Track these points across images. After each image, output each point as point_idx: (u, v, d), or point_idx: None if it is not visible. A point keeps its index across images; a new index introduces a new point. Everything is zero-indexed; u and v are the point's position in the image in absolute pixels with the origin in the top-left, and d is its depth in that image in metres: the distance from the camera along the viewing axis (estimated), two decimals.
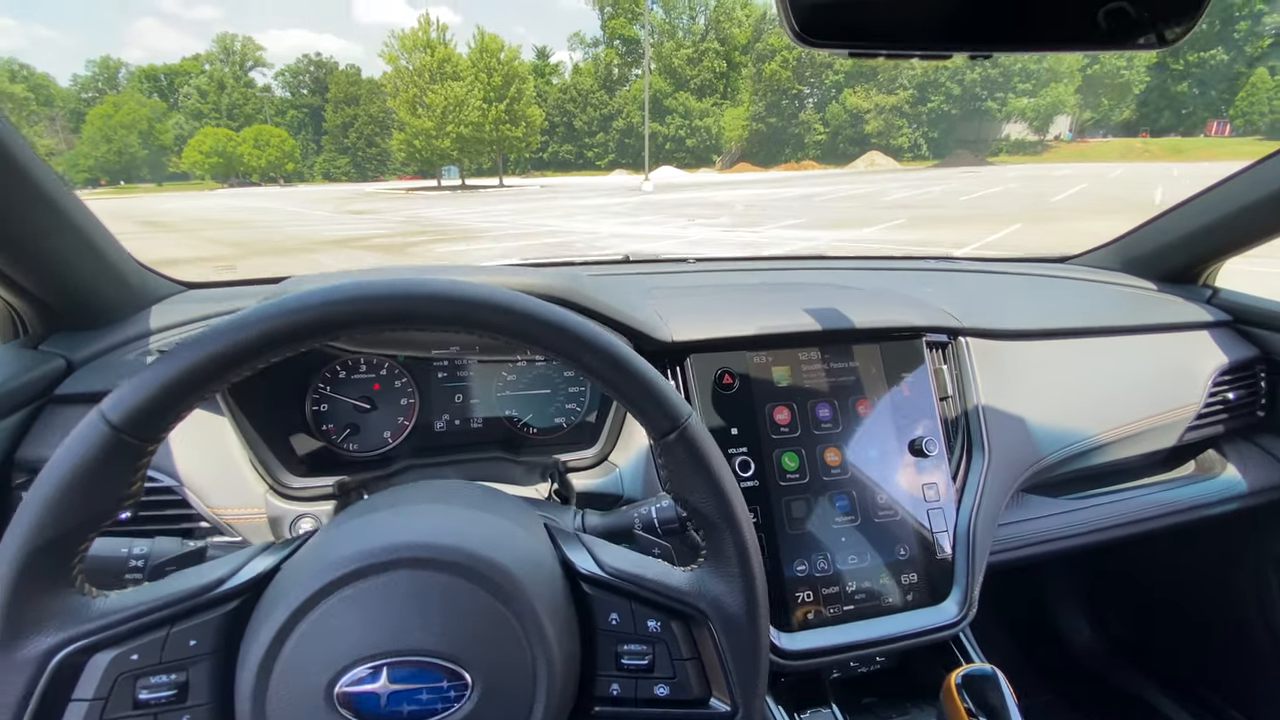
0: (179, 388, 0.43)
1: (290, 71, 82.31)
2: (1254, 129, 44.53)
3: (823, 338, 0.94)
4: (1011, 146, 53.52)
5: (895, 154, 54.09)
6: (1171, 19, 0.58)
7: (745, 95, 63.19)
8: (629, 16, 67.47)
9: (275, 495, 0.82)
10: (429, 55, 41.09)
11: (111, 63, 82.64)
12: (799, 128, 60.53)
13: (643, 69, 58.07)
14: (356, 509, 0.54)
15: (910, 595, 0.88)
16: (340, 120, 72.18)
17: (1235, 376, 1.23)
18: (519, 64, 44.81)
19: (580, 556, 0.53)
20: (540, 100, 59.70)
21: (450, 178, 47.48)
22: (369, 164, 72.48)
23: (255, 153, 64.95)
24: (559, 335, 0.48)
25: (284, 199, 32.85)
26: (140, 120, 68.73)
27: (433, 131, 40.58)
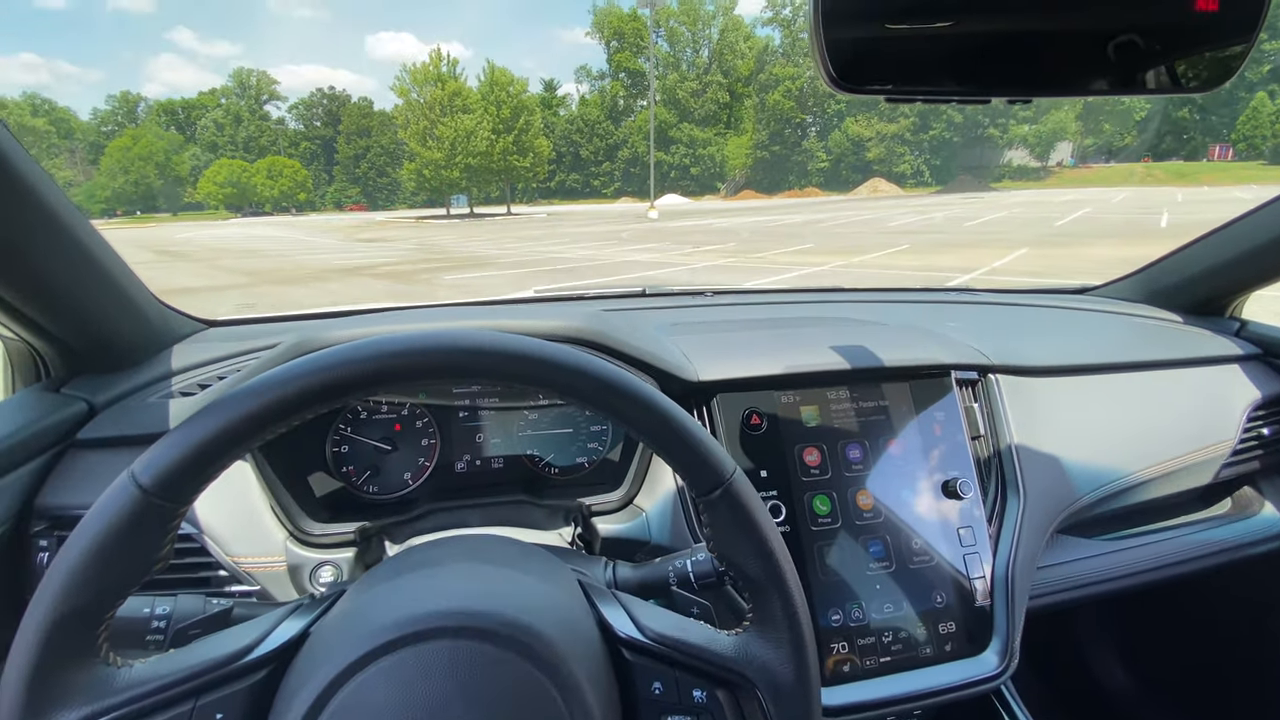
0: (214, 449, 0.42)
1: (304, 105, 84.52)
2: (1257, 153, 44.80)
3: (851, 376, 0.92)
4: (1014, 172, 54.00)
5: (898, 180, 54.65)
6: (1218, 56, 0.58)
7: (748, 124, 64.27)
8: (634, 50, 69.12)
9: (295, 542, 0.80)
10: (440, 88, 42.15)
11: (131, 97, 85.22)
12: (802, 155, 61.35)
13: (648, 100, 59.26)
14: (386, 569, 0.52)
15: (949, 645, 0.85)
16: (352, 151, 73.79)
17: (1269, 411, 1.20)
18: (527, 96, 45.89)
19: (618, 618, 0.50)
20: (548, 131, 60.98)
21: (459, 206, 48.23)
22: (379, 193, 73.85)
23: (268, 183, 66.37)
24: (600, 389, 0.47)
25: (296, 228, 33.42)
26: (157, 152, 70.56)
27: (442, 162, 41.44)
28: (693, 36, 68.30)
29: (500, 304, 1.34)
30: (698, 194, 62.91)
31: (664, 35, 68.21)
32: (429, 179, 43.00)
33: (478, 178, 43.49)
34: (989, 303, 1.49)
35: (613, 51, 70.87)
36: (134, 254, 17.66)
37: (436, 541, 0.57)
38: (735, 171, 65.37)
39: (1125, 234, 13.52)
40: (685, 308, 1.38)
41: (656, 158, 54.76)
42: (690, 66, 68.32)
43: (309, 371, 0.43)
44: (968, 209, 24.77)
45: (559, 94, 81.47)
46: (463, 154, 41.17)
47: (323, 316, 1.20)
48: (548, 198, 73.13)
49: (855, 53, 0.54)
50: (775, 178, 62.24)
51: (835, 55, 0.54)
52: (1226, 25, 0.58)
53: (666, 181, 63.56)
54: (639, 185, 62.36)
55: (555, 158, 64.48)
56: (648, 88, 60.36)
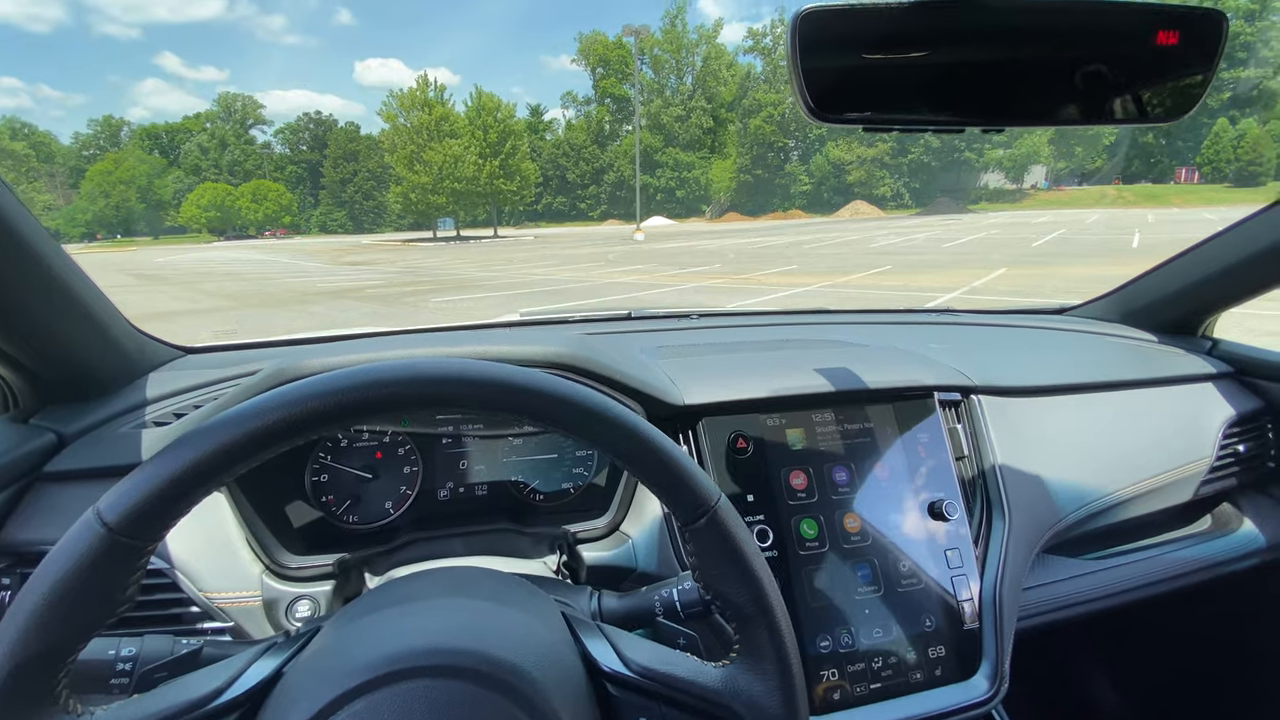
0: (182, 485, 0.40)
1: (290, 129, 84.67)
2: (1222, 176, 46.40)
3: (836, 399, 0.92)
4: (990, 195, 55.36)
5: (879, 203, 55.75)
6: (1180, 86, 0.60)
7: (732, 149, 65.42)
8: (619, 76, 70.34)
9: (271, 576, 0.77)
10: (427, 113, 42.51)
11: (114, 121, 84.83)
12: (785, 179, 62.47)
13: (633, 126, 60.18)
14: (363, 604, 0.51)
15: (939, 670, 0.84)
16: (339, 175, 73.85)
17: (1244, 429, 1.22)
18: (514, 121, 46.41)
19: (603, 651, 0.49)
20: (534, 155, 61.60)
21: (446, 229, 48.31)
22: (366, 216, 73.79)
23: (253, 206, 66.12)
24: (583, 416, 0.46)
25: (280, 251, 33.22)
26: (140, 176, 70.14)
27: (429, 186, 41.64)
28: (676, 64, 69.69)
29: (484, 328, 1.33)
30: (683, 216, 63.64)
31: (648, 62, 69.56)
32: (415, 203, 43.14)
33: (464, 201, 43.71)
34: (970, 324, 1.51)
35: (598, 78, 72.08)
36: (112, 278, 17.42)
37: (415, 575, 0.56)
38: (720, 194, 66.30)
39: (1100, 254, 13.86)
40: (670, 330, 1.38)
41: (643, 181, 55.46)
42: (674, 93, 69.57)
43: (282, 405, 0.42)
44: (947, 230, 25.28)
45: (546, 119, 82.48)
46: (450, 178, 41.42)
47: (304, 342, 1.18)
48: (535, 220, 73.54)
49: (832, 83, 0.56)
50: (759, 200, 63.23)
51: (813, 86, 0.55)
52: (1187, 57, 0.61)
53: (652, 204, 64.28)
54: (625, 208, 62.99)
55: (542, 181, 64.98)
56: (633, 113, 61.36)
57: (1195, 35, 0.60)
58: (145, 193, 70.30)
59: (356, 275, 16.75)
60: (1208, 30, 0.61)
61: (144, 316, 0.99)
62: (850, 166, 57.26)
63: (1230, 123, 46.89)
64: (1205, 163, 48.08)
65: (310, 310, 10.44)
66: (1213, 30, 0.61)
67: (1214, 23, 0.61)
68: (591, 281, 12.80)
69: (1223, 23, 0.61)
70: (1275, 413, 1.25)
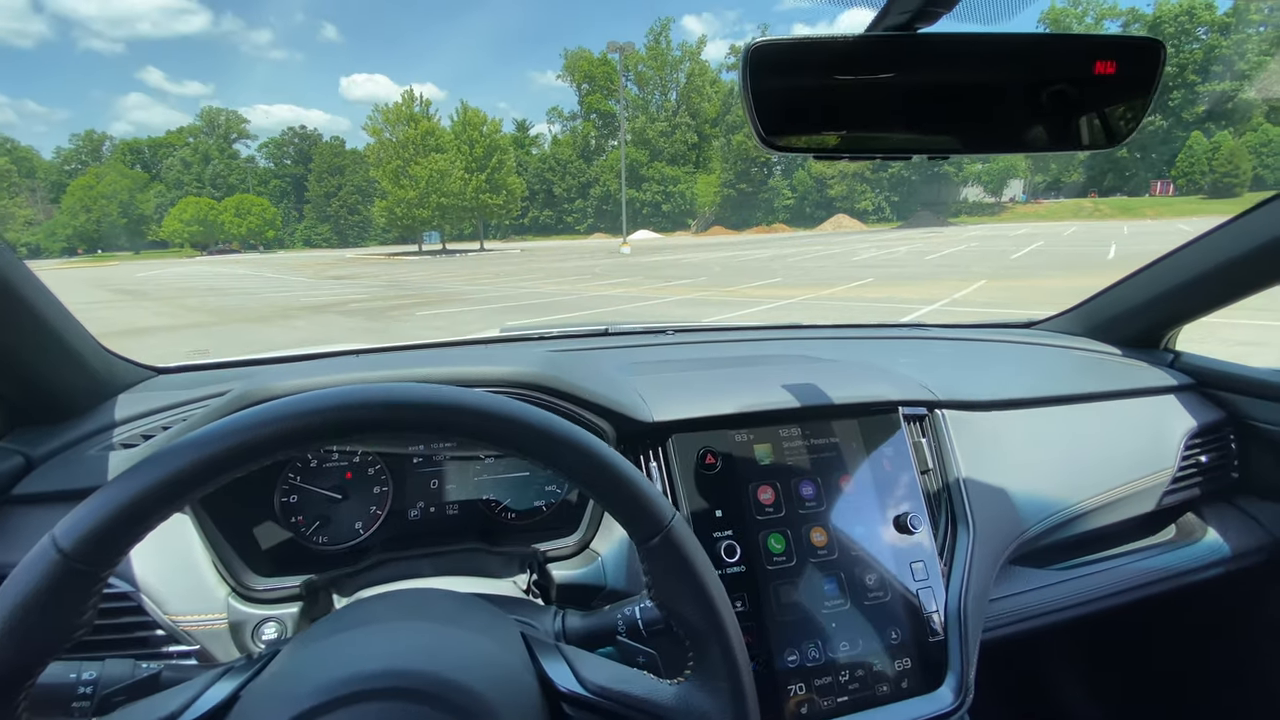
0: (139, 511, 0.41)
1: (274, 143, 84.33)
2: (1196, 188, 47.59)
3: (803, 414, 0.94)
4: (970, 208, 56.38)
5: (860, 216, 56.57)
6: (1118, 115, 0.63)
7: (716, 164, 66.14)
8: (604, 92, 70.99)
9: (237, 598, 0.77)
10: (412, 128, 42.57)
11: (95, 136, 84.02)
12: (768, 193, 63.26)
13: (619, 141, 60.64)
14: (322, 627, 0.51)
15: (905, 682, 0.85)
16: (323, 189, 73.55)
17: (1205, 439, 1.25)
18: (500, 136, 46.59)
19: (560, 672, 0.50)
20: (521, 169, 61.81)
21: (432, 243, 48.22)
22: (351, 230, 73.46)
23: (236, 220, 65.58)
24: (532, 436, 0.47)
25: (264, 265, 32.94)
26: (121, 191, 69.38)
27: (415, 200, 41.60)
28: (661, 80, 70.52)
29: (462, 344, 1.33)
30: (669, 230, 64.07)
31: (633, 79, 70.35)
32: (401, 217, 43.08)
33: (450, 215, 43.73)
34: (939, 338, 1.54)
35: (584, 94, 72.70)
36: (90, 293, 17.15)
37: (375, 597, 0.56)
38: (705, 208, 66.90)
39: (1077, 265, 14.14)
40: (646, 346, 1.39)
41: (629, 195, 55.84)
42: (659, 108, 70.35)
43: (232, 432, 0.43)
44: (928, 243, 25.67)
45: (532, 134, 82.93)
46: (435, 193, 41.43)
47: (277, 361, 1.18)
48: (521, 234, 73.65)
49: (783, 113, 0.58)
50: (743, 214, 63.90)
51: (764, 115, 0.57)
52: (1126, 85, 0.63)
53: (639, 218, 64.69)
54: (612, 221, 63.31)
55: (528, 195, 65.23)
56: (618, 128, 61.89)
57: (1132, 64, 0.63)
58: (127, 207, 69.54)
59: (341, 289, 16.65)
60: (1145, 59, 0.63)
61: (123, 333, 0.97)
62: (832, 181, 58.15)
63: (1205, 135, 48.20)
64: (1180, 175, 49.33)
65: (293, 325, 10.35)
66: (1150, 59, 0.63)
67: (1151, 52, 0.63)
68: (578, 295, 12.82)
69: (1160, 51, 0.64)
70: (1236, 423, 1.28)
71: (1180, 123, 50.70)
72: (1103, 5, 57.51)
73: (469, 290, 14.81)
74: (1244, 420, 1.26)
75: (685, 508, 0.85)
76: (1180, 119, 50.67)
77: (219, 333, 9.78)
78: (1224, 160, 45.27)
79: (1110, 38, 0.61)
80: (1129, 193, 53.18)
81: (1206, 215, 25.95)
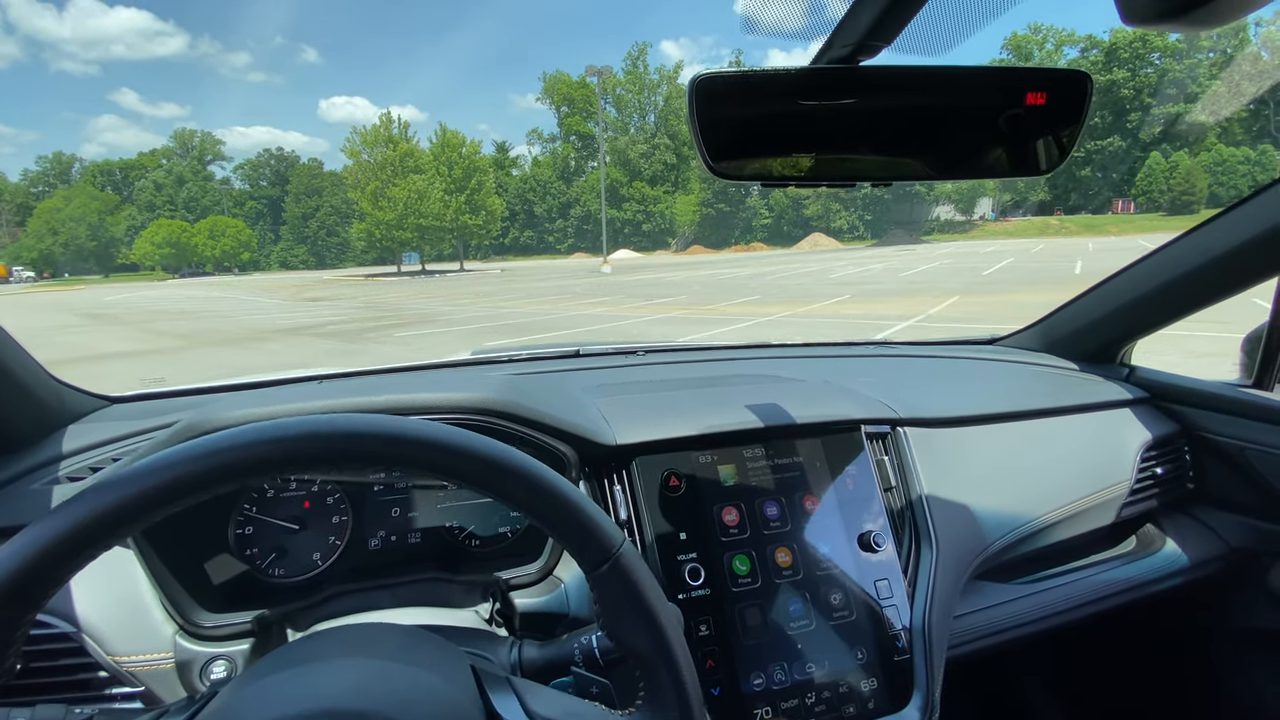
0: (62, 552, 0.39)
1: (250, 165, 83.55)
2: (1156, 205, 49.38)
3: (766, 434, 0.94)
4: (942, 226, 57.81)
5: (836, 235, 57.66)
6: (1053, 141, 0.65)
7: (695, 184, 67.07)
8: (584, 115, 71.82)
9: (185, 636, 0.74)
10: (391, 149, 42.55)
11: (65, 158, 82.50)
12: (746, 212, 64.29)
13: (599, 162, 61.21)
14: (263, 666, 0.50)
15: (872, 702, 0.85)
16: (301, 211, 72.91)
17: (1161, 452, 1.28)
18: (479, 158, 46.76)
19: (509, 706, 0.49)
20: (501, 190, 61.99)
21: (411, 263, 47.94)
22: (329, 252, 72.77)
23: (210, 243, 64.58)
24: (474, 464, 0.46)
25: (238, 288, 32.42)
26: (91, 213, 68.07)
27: (394, 222, 41.42)
28: (639, 103, 71.56)
29: (426, 369, 1.32)
30: (649, 249, 64.60)
31: (611, 101, 71.30)
32: (380, 238, 42.85)
33: (430, 236, 43.59)
34: (903, 355, 1.57)
35: (563, 116, 73.44)
36: (57, 318, 16.72)
37: (320, 634, 0.54)
38: (684, 228, 67.68)
39: (1045, 280, 14.52)
40: (616, 368, 1.39)
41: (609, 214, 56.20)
42: (638, 130, 71.33)
43: (160, 467, 0.41)
44: (902, 260, 26.21)
45: (512, 155, 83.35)
46: (414, 214, 41.32)
47: (234, 389, 1.16)
48: (502, 254, 73.60)
49: (728, 143, 0.59)
50: (722, 234, 64.76)
51: (711, 145, 0.59)
52: (1057, 113, 0.66)
53: (620, 237, 65.15)
54: (592, 241, 63.65)
55: (509, 215, 65.36)
56: (598, 149, 62.56)
57: (1062, 95, 0.66)
58: (96, 230, 68.16)
59: (317, 311, 16.43)
60: (1073, 90, 0.66)
61: (88, 358, 0.94)
62: (808, 201, 59.27)
63: (1163, 155, 50.12)
64: (1140, 193, 51.19)
65: (267, 348, 10.17)
66: (1078, 89, 0.66)
67: (1079, 83, 0.66)
68: (557, 314, 12.81)
69: (1087, 83, 0.67)
70: (1190, 435, 1.31)
71: (1138, 143, 52.75)
72: (1061, 33, 59.92)
73: (448, 311, 14.71)
74: (1197, 432, 1.30)
75: (649, 530, 0.85)
76: (1138, 139, 52.72)
77: (189, 357, 9.56)
78: (1181, 179, 47.13)
79: (1041, 71, 0.64)
80: (1092, 210, 55.01)
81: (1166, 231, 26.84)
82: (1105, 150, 53.77)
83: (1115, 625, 1.25)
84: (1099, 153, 53.66)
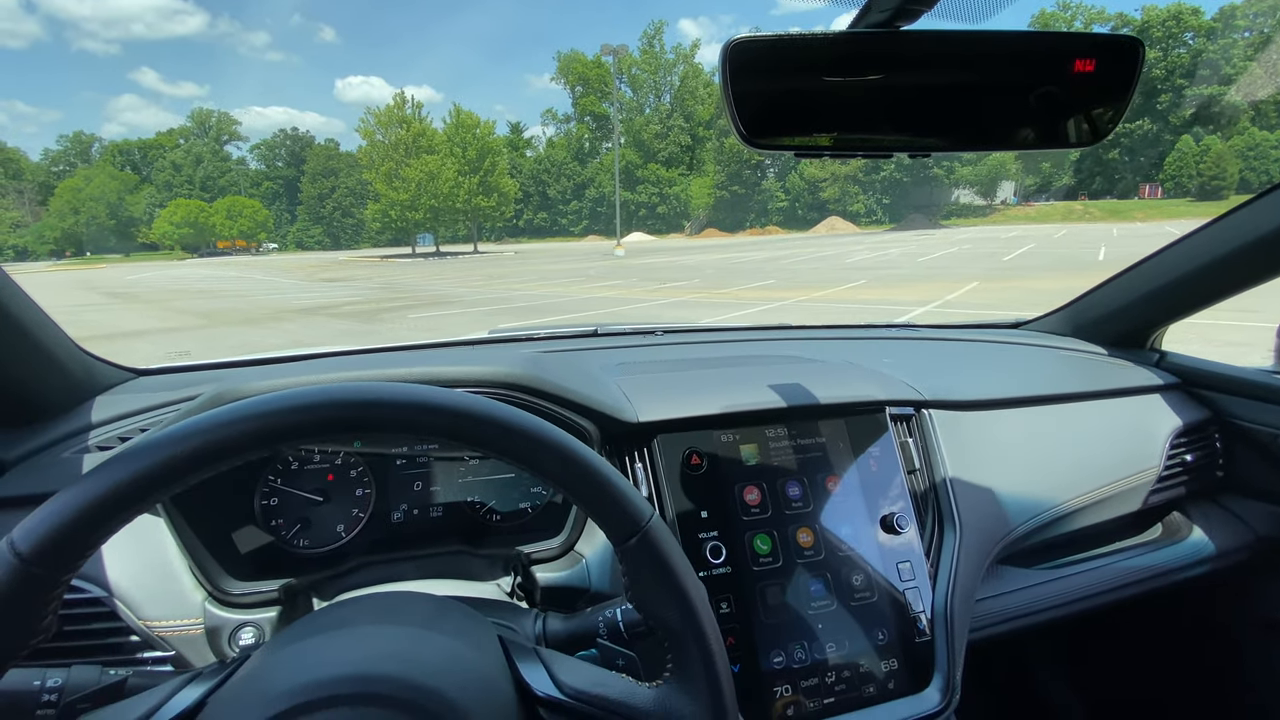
0: (98, 514, 0.40)
1: (266, 145, 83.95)
2: (1184, 191, 48.07)
3: (789, 414, 0.93)
4: (961, 210, 56.78)
5: (853, 219, 56.86)
6: (1099, 114, 0.62)
7: (710, 166, 66.35)
8: (599, 95, 71.10)
9: (214, 603, 0.76)
10: (404, 130, 42.48)
11: (84, 137, 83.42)
12: (761, 195, 63.55)
13: (613, 143, 60.69)
14: (294, 630, 0.50)
15: (892, 683, 0.85)
16: (316, 191, 73.25)
17: (1191, 439, 1.26)
18: (493, 138, 46.54)
19: (537, 676, 0.49)
20: (515, 172, 61.82)
21: (425, 245, 48.09)
22: (344, 233, 73.19)
23: (227, 223, 65.20)
24: (506, 435, 0.46)
25: (255, 267, 32.76)
26: (110, 193, 68.90)
27: (407, 203, 41.48)
28: (654, 83, 70.68)
29: (447, 346, 1.32)
30: (663, 232, 64.22)
31: (626, 81, 70.46)
32: (394, 219, 42.97)
33: (444, 218, 43.64)
34: (927, 338, 1.54)
35: (578, 96, 72.76)
36: (82, 296, 17.01)
37: (348, 601, 0.55)
38: (699, 211, 67.09)
39: (1067, 267, 14.24)
40: (635, 347, 1.39)
41: (624, 197, 55.87)
42: (653, 111, 70.51)
43: (196, 432, 0.41)
44: (920, 245, 25.81)
45: (526, 136, 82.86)
46: (428, 195, 41.33)
47: (257, 363, 1.17)
48: (515, 236, 73.57)
49: (764, 111, 0.57)
50: (737, 217, 64.14)
51: (745, 114, 0.57)
52: (1105, 83, 0.63)
53: (634, 220, 64.79)
54: (606, 224, 63.37)
55: (522, 197, 65.22)
56: (613, 130, 61.99)
57: (1112, 62, 0.63)
58: (116, 209, 69.03)
59: (333, 292, 16.56)
60: (1124, 57, 0.63)
61: (114, 336, 0.95)
62: (824, 183, 58.45)
63: (1194, 139, 48.65)
64: (1168, 178, 49.82)
65: (284, 328, 10.28)
66: (1129, 57, 0.63)
67: (1130, 49, 0.64)
68: (571, 297, 12.80)
69: (1139, 50, 0.64)
70: (1221, 422, 1.28)
71: (1168, 126, 51.26)
72: (1091, 10, 58.15)
73: (462, 293, 14.76)
74: (1229, 419, 1.27)
75: (670, 509, 0.85)
76: (1168, 122, 51.23)
77: (210, 335, 9.71)
78: (1212, 163, 45.77)
79: (1091, 36, 0.61)
80: (1118, 195, 53.72)
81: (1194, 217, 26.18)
82: (1134, 133, 52.23)
83: (1138, 612, 1.23)
84: (1127, 135, 52.09)
